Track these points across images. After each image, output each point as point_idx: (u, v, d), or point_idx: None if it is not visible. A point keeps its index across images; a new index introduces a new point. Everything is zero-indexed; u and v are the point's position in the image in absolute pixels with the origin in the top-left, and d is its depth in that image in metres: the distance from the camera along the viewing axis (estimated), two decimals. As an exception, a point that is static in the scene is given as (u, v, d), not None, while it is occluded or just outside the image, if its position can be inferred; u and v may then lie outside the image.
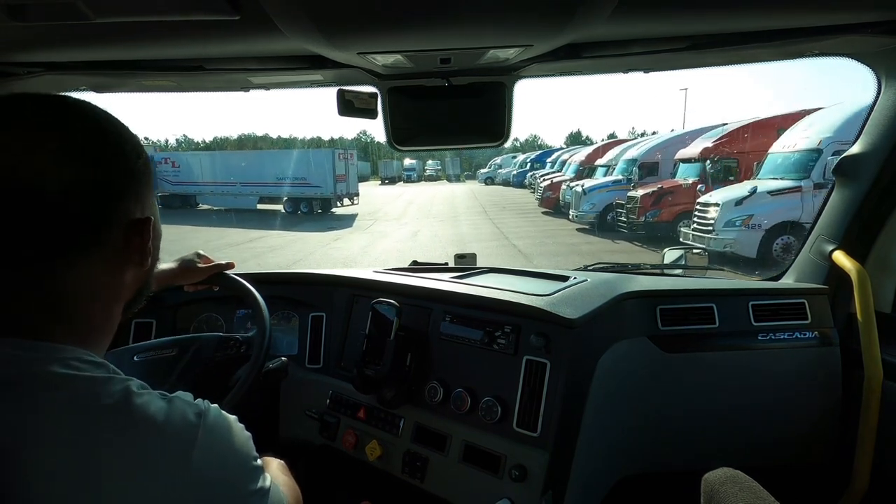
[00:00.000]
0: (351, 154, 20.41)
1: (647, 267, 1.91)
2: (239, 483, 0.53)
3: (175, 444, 0.48)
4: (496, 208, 18.62)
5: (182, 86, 1.27)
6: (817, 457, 1.45)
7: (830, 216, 1.45)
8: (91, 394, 0.47)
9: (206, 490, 0.49)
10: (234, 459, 0.53)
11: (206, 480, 0.49)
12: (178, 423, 0.49)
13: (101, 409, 0.46)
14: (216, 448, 0.51)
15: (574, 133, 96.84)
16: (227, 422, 0.55)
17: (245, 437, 0.56)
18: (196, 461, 0.48)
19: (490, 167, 37.25)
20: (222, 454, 0.52)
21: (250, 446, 0.57)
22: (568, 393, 1.12)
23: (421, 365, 1.31)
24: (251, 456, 0.56)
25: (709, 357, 1.39)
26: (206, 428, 0.51)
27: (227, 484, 0.52)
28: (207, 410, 0.53)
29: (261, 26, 0.83)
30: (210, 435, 0.51)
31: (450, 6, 0.75)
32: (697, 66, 1.24)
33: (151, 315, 1.58)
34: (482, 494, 1.13)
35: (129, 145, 0.55)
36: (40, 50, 1.00)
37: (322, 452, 1.46)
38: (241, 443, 0.55)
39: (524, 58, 1.06)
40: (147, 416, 0.48)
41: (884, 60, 1.20)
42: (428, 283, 1.43)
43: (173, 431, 0.49)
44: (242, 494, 0.53)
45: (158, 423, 0.48)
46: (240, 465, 0.54)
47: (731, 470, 0.93)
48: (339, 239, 12.26)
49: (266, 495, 0.57)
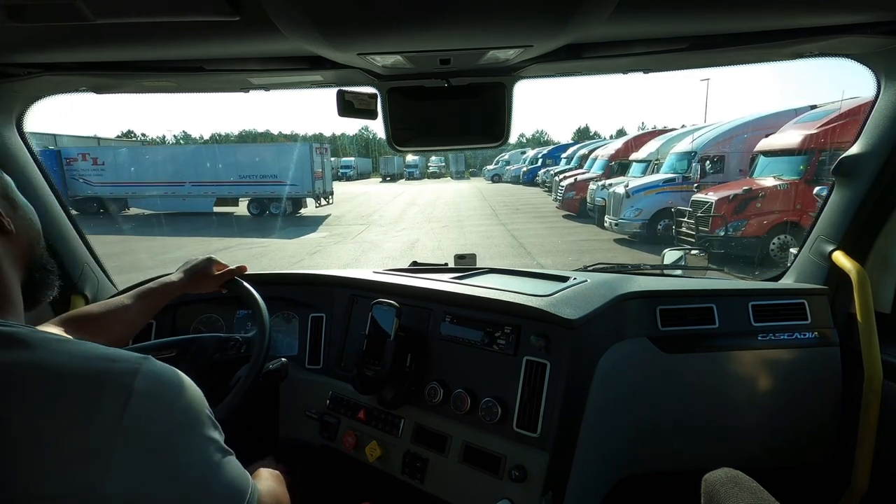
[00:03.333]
0: (326, 149, 18.67)
1: (647, 267, 1.91)
2: (184, 424, 0.54)
3: (117, 375, 0.50)
4: (508, 210, 16.52)
5: (182, 86, 1.27)
6: (817, 457, 1.45)
7: (830, 216, 1.44)
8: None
9: (147, 426, 0.50)
10: (178, 400, 0.54)
11: (146, 415, 0.50)
12: (121, 360, 0.52)
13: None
14: (160, 387, 0.53)
15: (582, 128, 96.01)
16: (172, 370, 0.56)
17: (194, 388, 0.57)
18: (137, 391, 0.50)
19: (497, 164, 35.22)
20: (166, 395, 0.53)
21: (201, 398, 0.57)
22: (568, 393, 1.12)
23: (421, 365, 1.31)
24: (202, 405, 0.57)
25: (709, 357, 1.39)
26: (149, 367, 0.53)
27: (169, 422, 0.52)
28: (150, 358, 0.54)
29: (261, 27, 0.83)
30: (152, 373, 0.52)
31: (450, 7, 0.75)
32: (697, 66, 1.25)
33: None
34: (482, 495, 1.13)
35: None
36: (40, 51, 1.00)
37: (322, 453, 1.46)
38: (187, 389, 0.56)
39: (524, 58, 1.06)
40: (88, 354, 0.51)
41: (884, 60, 1.20)
42: (428, 283, 1.43)
43: (117, 367, 0.51)
44: (190, 437, 0.54)
45: (102, 359, 0.51)
46: (185, 407, 0.54)
47: (731, 470, 0.93)
48: (317, 252, 9.97)
49: (220, 452, 0.57)
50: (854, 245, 1.39)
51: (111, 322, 1.01)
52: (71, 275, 1.51)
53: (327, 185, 18.40)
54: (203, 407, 0.56)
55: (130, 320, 1.05)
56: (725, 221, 7.35)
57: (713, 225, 7.51)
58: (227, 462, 0.57)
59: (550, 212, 15.08)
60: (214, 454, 0.55)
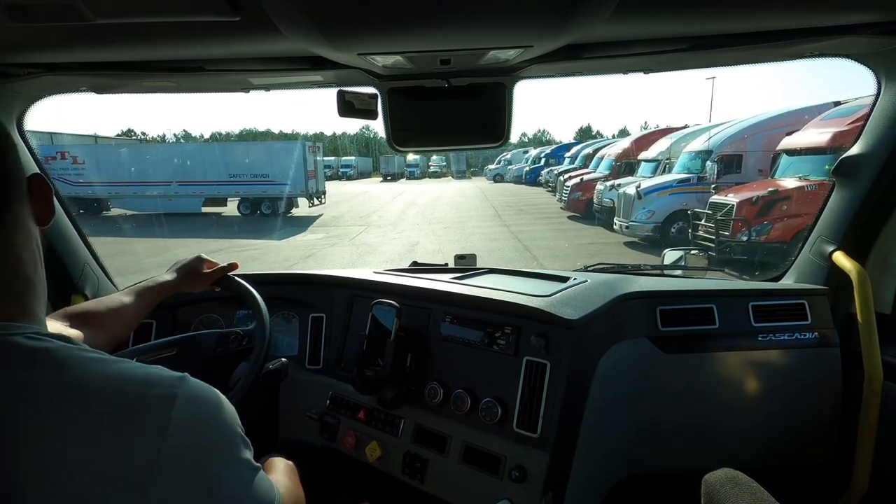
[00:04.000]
0: (318, 147, 18.19)
1: (647, 268, 1.91)
2: (221, 447, 0.53)
3: (155, 401, 0.49)
4: (511, 211, 16.05)
5: (182, 87, 1.27)
6: (817, 457, 1.45)
7: (830, 217, 1.44)
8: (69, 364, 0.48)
9: (186, 450, 0.49)
10: (216, 422, 0.53)
11: (185, 439, 0.49)
12: (159, 383, 0.51)
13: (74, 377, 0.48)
14: (197, 409, 0.52)
15: (584, 128, 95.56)
16: (209, 388, 0.55)
17: (230, 407, 0.56)
18: (176, 419, 0.49)
19: (499, 163, 34.69)
20: (203, 416, 0.52)
21: (235, 417, 0.57)
22: (568, 394, 1.12)
23: (421, 366, 1.31)
24: (236, 424, 0.56)
25: (709, 358, 1.39)
26: (187, 389, 0.52)
27: (207, 445, 0.51)
28: (187, 376, 0.53)
29: (261, 27, 0.83)
30: (191, 395, 0.52)
31: (450, 7, 0.75)
32: (697, 66, 1.25)
33: (151, 315, 1.58)
34: (482, 495, 1.13)
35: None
36: (40, 51, 1.00)
37: (322, 453, 1.46)
38: (224, 409, 0.55)
39: (524, 59, 1.06)
40: (127, 377, 0.50)
41: (884, 61, 1.20)
42: (428, 283, 1.43)
43: (154, 392, 0.50)
44: (226, 459, 0.53)
45: (140, 382, 0.50)
46: (222, 428, 0.54)
47: (731, 470, 0.93)
48: (311, 256, 9.73)
49: (253, 471, 0.56)
50: (854, 245, 1.39)
51: (111, 319, 1.01)
52: (71, 275, 1.51)
53: (320, 184, 18.12)
54: (236, 427, 0.56)
55: (128, 318, 1.06)
56: (748, 225, 6.92)
57: (734, 229, 7.08)
58: (257, 480, 0.57)
59: (555, 213, 14.74)
60: (247, 474, 0.55)
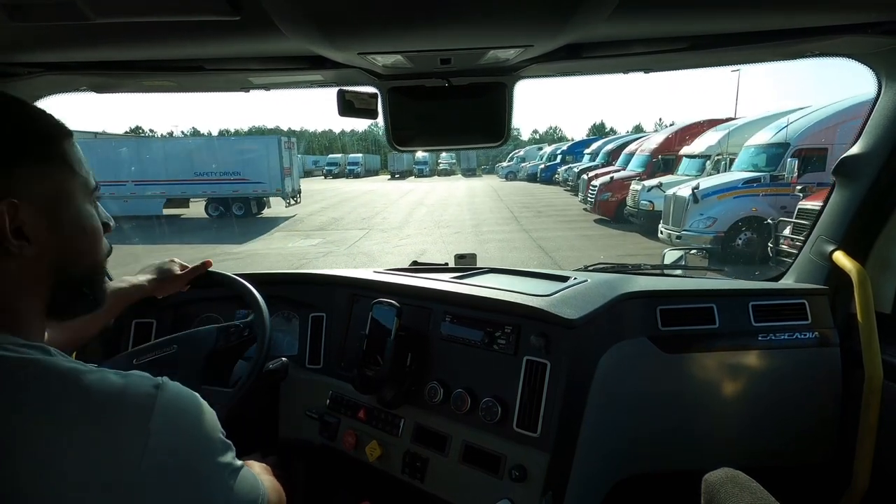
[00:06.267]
0: (293, 143, 17.17)
1: (648, 267, 1.91)
2: (202, 454, 0.53)
3: (132, 411, 0.49)
4: (529, 213, 14.47)
5: (182, 86, 1.27)
6: (817, 457, 1.45)
7: (830, 216, 1.44)
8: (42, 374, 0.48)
9: (167, 460, 0.49)
10: (195, 430, 0.53)
11: (165, 449, 0.49)
12: (135, 393, 0.50)
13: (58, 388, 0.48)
14: (176, 418, 0.51)
15: (598, 124, 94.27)
16: (188, 394, 0.55)
17: (209, 411, 0.56)
18: (154, 429, 0.49)
19: (512, 160, 32.79)
20: (182, 424, 0.52)
21: (215, 421, 0.56)
22: (568, 393, 1.12)
23: (421, 365, 1.31)
24: (216, 429, 0.56)
25: (709, 357, 1.39)
26: (164, 397, 0.51)
27: (188, 454, 0.51)
28: (165, 383, 0.53)
29: (261, 26, 0.83)
30: (168, 404, 0.51)
31: (450, 7, 0.75)
32: (698, 66, 1.24)
33: (151, 315, 1.58)
34: (482, 495, 1.13)
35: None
36: (40, 50, 1.00)
37: (322, 453, 1.46)
38: (203, 415, 0.55)
39: (524, 58, 1.06)
40: (103, 389, 0.49)
41: (884, 60, 1.20)
42: (428, 283, 1.43)
43: (130, 402, 0.49)
44: (208, 465, 0.53)
45: (115, 393, 0.49)
46: (202, 436, 0.54)
47: (732, 470, 0.93)
48: (299, 268, 6.76)
49: (235, 473, 0.56)
50: (854, 245, 1.39)
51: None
52: None
53: (295, 182, 17.09)
54: (216, 432, 0.56)
55: (94, 318, 1.05)
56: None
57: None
58: (240, 478, 0.57)
59: (578, 215, 13.20)
60: (230, 477, 0.56)
